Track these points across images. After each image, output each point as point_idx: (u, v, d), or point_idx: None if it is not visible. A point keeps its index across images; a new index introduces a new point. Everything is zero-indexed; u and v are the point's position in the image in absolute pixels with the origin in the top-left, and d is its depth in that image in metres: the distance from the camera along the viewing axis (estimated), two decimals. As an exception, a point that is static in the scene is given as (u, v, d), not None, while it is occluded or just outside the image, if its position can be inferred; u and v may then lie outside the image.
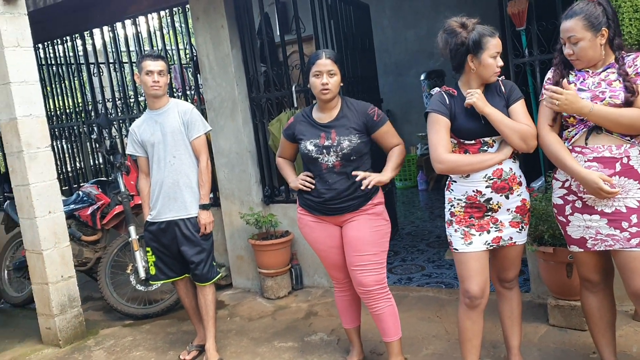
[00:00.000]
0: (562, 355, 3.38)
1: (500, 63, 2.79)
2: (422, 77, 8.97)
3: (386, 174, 3.18)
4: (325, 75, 3.15)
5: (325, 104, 3.24)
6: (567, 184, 2.75)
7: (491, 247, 2.88)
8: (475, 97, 2.77)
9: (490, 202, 2.83)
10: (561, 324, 3.67)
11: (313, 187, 3.26)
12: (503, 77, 2.92)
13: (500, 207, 2.84)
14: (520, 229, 2.89)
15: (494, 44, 2.76)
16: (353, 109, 3.25)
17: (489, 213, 2.85)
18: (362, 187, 3.09)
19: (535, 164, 4.30)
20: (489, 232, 2.86)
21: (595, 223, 2.68)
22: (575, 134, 2.69)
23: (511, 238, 2.88)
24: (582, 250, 2.78)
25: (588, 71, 2.70)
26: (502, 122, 2.76)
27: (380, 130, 3.23)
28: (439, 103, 2.89)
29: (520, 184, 2.86)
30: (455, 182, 2.92)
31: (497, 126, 2.76)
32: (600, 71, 2.67)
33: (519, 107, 2.81)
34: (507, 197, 2.82)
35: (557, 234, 3.49)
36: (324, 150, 3.20)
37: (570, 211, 2.76)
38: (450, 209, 2.95)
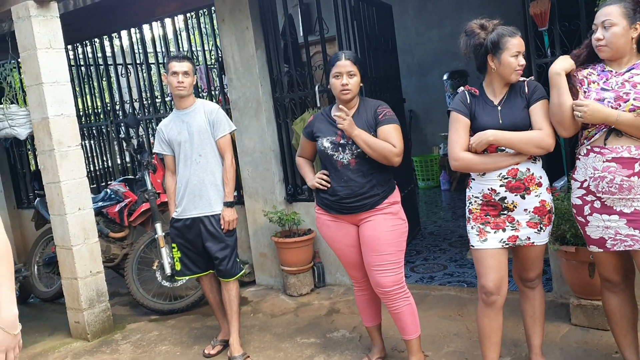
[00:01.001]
0: (584, 354, 3.39)
1: (522, 62, 2.81)
2: (445, 77, 8.97)
3: (356, 130, 3.13)
4: (345, 76, 3.19)
5: (345, 104, 3.27)
6: (585, 184, 2.75)
7: (507, 246, 2.91)
8: (486, 138, 2.81)
9: (505, 201, 2.86)
10: (583, 323, 3.68)
11: (329, 185, 3.29)
12: (531, 77, 2.94)
13: (516, 207, 2.86)
14: (538, 230, 2.89)
15: (514, 44, 2.79)
16: (367, 107, 3.28)
17: (505, 212, 2.88)
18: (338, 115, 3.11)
19: (558, 163, 4.31)
20: (504, 230, 2.89)
21: (614, 223, 2.69)
22: (595, 134, 2.70)
23: (529, 238, 2.89)
24: (601, 250, 2.79)
25: (611, 71, 2.71)
26: (511, 140, 2.79)
27: (380, 129, 3.18)
28: (460, 102, 2.96)
29: (539, 185, 2.85)
30: (474, 179, 2.97)
31: (509, 145, 2.80)
32: (624, 71, 2.67)
33: (538, 108, 2.81)
34: (522, 197, 2.84)
35: (579, 233, 3.47)
36: (340, 148, 3.24)
37: (589, 211, 2.77)
38: (468, 206, 3.00)
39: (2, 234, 1.95)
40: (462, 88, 3.04)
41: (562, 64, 2.74)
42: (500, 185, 2.85)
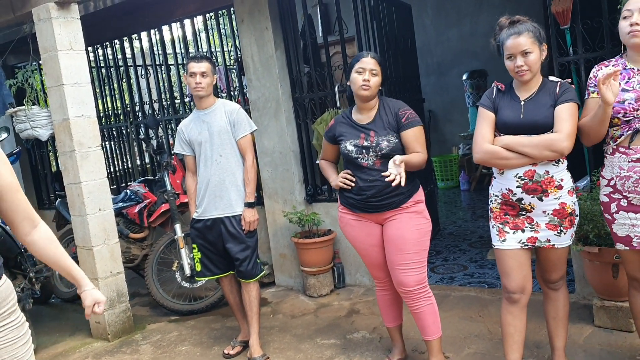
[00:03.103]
0: (608, 356, 3.34)
1: (519, 63, 2.75)
2: (465, 77, 8.90)
3: (402, 164, 3.02)
4: (368, 72, 3.20)
5: (364, 104, 3.28)
6: (612, 182, 2.73)
7: (527, 247, 2.88)
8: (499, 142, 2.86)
9: (522, 202, 2.83)
10: (607, 325, 3.63)
11: (353, 184, 3.28)
12: (569, 80, 2.89)
13: (533, 208, 2.82)
14: (558, 233, 2.84)
15: (507, 47, 2.79)
16: (388, 108, 3.28)
17: (523, 212, 2.85)
18: (395, 183, 2.98)
19: (581, 163, 4.25)
20: (523, 231, 2.86)
21: None
22: (621, 135, 2.67)
23: (549, 240, 2.85)
24: (628, 248, 2.76)
25: (633, 69, 2.67)
26: (521, 143, 2.77)
27: (405, 134, 3.19)
28: (486, 97, 2.97)
29: (559, 187, 2.79)
30: (495, 178, 2.96)
31: (518, 150, 2.78)
32: None
33: (562, 110, 2.74)
34: (540, 199, 2.79)
35: (603, 233, 3.45)
36: (364, 151, 3.23)
37: (616, 209, 2.74)
38: (490, 205, 2.99)
39: (43, 222, 2.05)
40: (494, 84, 3.02)
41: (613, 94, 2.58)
42: (517, 186, 2.82)
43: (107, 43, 6.67)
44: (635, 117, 2.60)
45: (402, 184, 2.99)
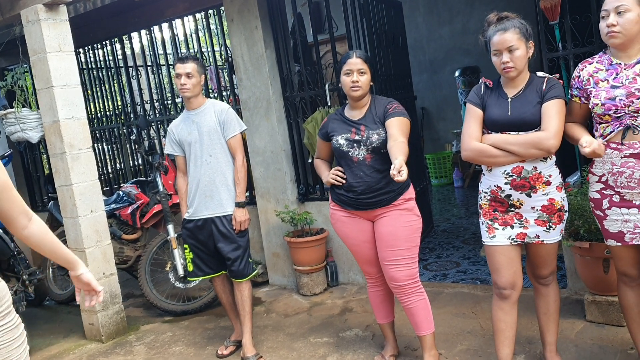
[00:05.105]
0: (600, 351, 3.35)
1: (504, 59, 2.76)
2: (457, 73, 8.90)
3: (399, 159, 2.76)
4: (356, 73, 3.23)
5: (356, 102, 3.31)
6: (603, 179, 2.73)
7: (516, 243, 2.89)
8: (487, 141, 2.87)
9: (511, 198, 2.84)
10: (598, 319, 3.64)
11: (344, 181, 3.31)
12: (557, 75, 2.90)
13: (522, 205, 2.83)
14: (547, 228, 2.85)
15: (493, 42, 2.80)
16: (379, 104, 3.31)
17: (512, 209, 2.86)
18: (397, 178, 2.69)
19: (572, 158, 4.27)
20: (512, 227, 2.87)
21: (633, 217, 2.67)
22: (611, 132, 2.67)
23: (538, 236, 2.87)
24: (619, 244, 2.76)
25: (620, 63, 2.67)
26: (506, 142, 2.79)
27: (388, 122, 3.16)
28: (474, 94, 2.97)
29: (547, 183, 2.81)
30: (484, 175, 2.97)
31: (505, 148, 2.79)
32: (633, 63, 2.64)
33: (549, 107, 2.75)
34: (528, 195, 2.81)
35: (593, 228, 3.46)
36: (355, 144, 3.26)
37: (608, 205, 2.74)
38: (479, 202, 3.00)
39: (35, 215, 2.11)
40: (481, 80, 3.03)
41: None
42: (505, 183, 2.83)
43: (97, 44, 6.64)
44: (626, 113, 2.60)
45: (404, 176, 2.69)
